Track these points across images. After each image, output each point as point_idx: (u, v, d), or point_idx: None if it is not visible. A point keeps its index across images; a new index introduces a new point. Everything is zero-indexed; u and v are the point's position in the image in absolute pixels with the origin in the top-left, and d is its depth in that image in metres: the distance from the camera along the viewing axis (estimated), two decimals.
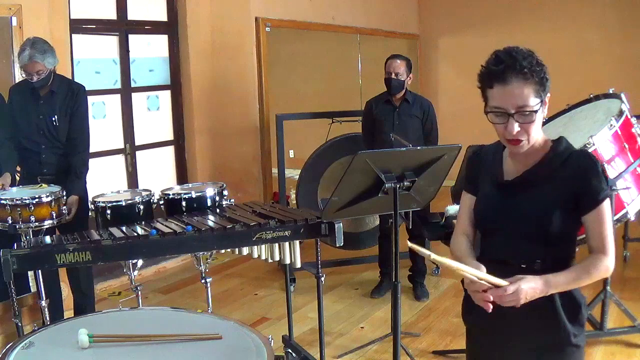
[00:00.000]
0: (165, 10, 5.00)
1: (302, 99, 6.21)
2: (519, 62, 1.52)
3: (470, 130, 6.89)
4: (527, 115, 1.53)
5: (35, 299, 3.50)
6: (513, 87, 1.52)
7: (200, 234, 2.66)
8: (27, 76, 3.27)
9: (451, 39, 7.83)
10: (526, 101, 1.52)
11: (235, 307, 4.19)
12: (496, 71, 1.55)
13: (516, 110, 1.53)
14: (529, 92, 1.52)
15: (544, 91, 1.55)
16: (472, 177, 1.82)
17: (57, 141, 3.42)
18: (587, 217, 1.59)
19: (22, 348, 1.71)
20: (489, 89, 1.58)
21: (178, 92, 5.13)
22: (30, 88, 3.36)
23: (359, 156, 2.44)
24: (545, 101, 1.57)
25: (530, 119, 1.54)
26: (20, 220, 2.85)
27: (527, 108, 1.52)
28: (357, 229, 4.87)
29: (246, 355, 1.67)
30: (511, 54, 1.55)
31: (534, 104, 1.53)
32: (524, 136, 1.56)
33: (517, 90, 1.52)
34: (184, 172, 5.24)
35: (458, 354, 3.39)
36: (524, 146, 1.58)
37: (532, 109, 1.53)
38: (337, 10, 6.44)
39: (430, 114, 4.14)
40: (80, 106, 3.46)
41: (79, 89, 3.48)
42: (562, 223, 1.59)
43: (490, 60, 1.59)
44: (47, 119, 3.38)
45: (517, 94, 1.52)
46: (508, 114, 1.54)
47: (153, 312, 2.25)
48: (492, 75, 1.56)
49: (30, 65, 3.22)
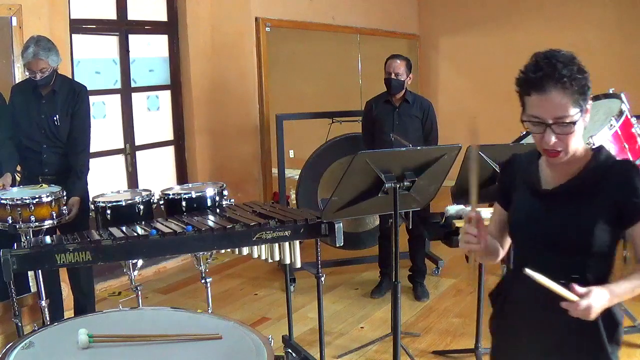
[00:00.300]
0: (165, 10, 5.00)
1: (302, 99, 6.20)
2: (559, 71, 1.43)
3: None
4: (565, 126, 1.45)
5: (35, 299, 3.50)
6: (551, 97, 1.44)
7: (200, 234, 2.66)
8: (31, 74, 3.27)
9: (451, 39, 7.82)
10: (565, 111, 1.44)
11: (235, 307, 4.19)
12: (534, 79, 1.46)
13: (554, 120, 1.45)
14: (568, 101, 1.44)
15: (584, 100, 1.47)
16: (505, 188, 1.73)
17: (58, 141, 3.42)
18: (633, 229, 1.51)
19: (22, 348, 1.71)
20: (527, 97, 1.50)
21: (178, 92, 5.13)
22: (32, 88, 3.36)
23: (359, 156, 2.44)
24: (586, 109, 1.49)
25: (569, 130, 1.46)
26: (20, 220, 2.85)
27: (566, 119, 1.45)
28: (357, 229, 4.87)
29: (246, 355, 1.67)
30: (551, 60, 1.45)
31: (573, 114, 1.45)
32: (562, 147, 1.48)
33: (555, 100, 1.44)
34: (184, 172, 5.24)
35: (458, 354, 3.39)
36: (562, 158, 1.51)
37: (571, 119, 1.45)
38: (337, 10, 6.44)
39: (430, 114, 4.14)
40: (81, 106, 3.45)
41: (80, 89, 3.48)
42: (605, 236, 1.52)
43: (529, 67, 1.49)
44: (49, 119, 3.38)
45: (555, 104, 1.44)
46: (545, 124, 1.46)
47: (153, 312, 2.25)
48: (529, 83, 1.48)
49: (34, 62, 3.22)
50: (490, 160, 2.73)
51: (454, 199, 3.09)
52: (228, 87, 5.34)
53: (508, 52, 7.28)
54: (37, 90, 3.36)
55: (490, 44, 7.38)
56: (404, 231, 3.99)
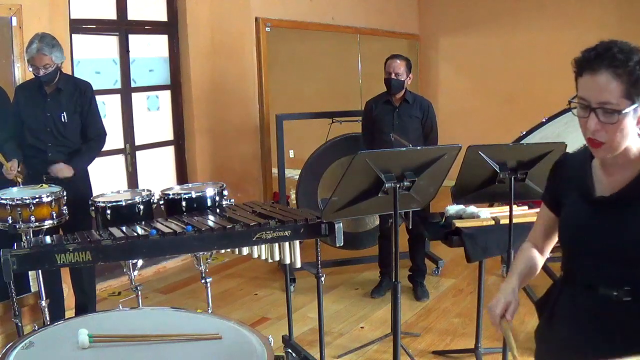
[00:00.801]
0: (165, 10, 5.00)
1: (302, 99, 6.21)
2: (613, 53, 1.34)
3: (470, 130, 6.93)
4: (609, 114, 1.34)
5: (35, 299, 3.50)
6: (600, 79, 1.34)
7: (200, 234, 2.66)
8: (34, 70, 3.29)
9: (451, 39, 7.83)
10: (611, 97, 1.33)
11: (235, 307, 4.19)
12: (587, 57, 1.38)
13: (598, 105, 1.35)
14: (618, 88, 1.33)
15: (638, 97, 1.34)
16: (554, 189, 1.63)
17: (64, 139, 3.44)
18: None
19: (22, 348, 1.71)
20: (579, 78, 1.40)
21: (178, 92, 5.13)
22: (37, 87, 3.38)
23: (359, 156, 2.44)
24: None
25: (612, 120, 1.34)
26: (20, 220, 2.85)
27: (610, 106, 1.34)
28: (357, 229, 4.87)
29: (246, 355, 1.67)
30: (610, 44, 1.37)
31: (620, 103, 1.33)
32: (605, 139, 1.37)
33: (603, 82, 1.34)
34: (184, 172, 5.24)
35: (458, 354, 3.39)
36: (605, 151, 1.40)
37: (616, 107, 1.33)
38: (337, 10, 6.44)
39: (430, 114, 4.14)
40: (91, 104, 3.54)
41: (86, 88, 3.54)
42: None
43: (587, 48, 1.41)
44: (55, 117, 3.41)
45: (602, 87, 1.34)
46: (590, 107, 1.36)
47: (153, 312, 2.25)
48: (583, 62, 1.39)
49: (37, 58, 3.25)
50: (491, 160, 2.73)
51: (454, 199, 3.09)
52: (228, 87, 5.34)
53: (508, 52, 7.30)
54: (42, 89, 3.38)
55: (490, 44, 7.39)
56: (404, 231, 3.98)
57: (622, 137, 1.37)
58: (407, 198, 2.58)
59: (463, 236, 3.12)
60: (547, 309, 1.66)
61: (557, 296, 1.62)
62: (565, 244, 1.58)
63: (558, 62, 1.56)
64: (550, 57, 6.36)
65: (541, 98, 5.30)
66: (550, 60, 6.35)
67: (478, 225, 3.13)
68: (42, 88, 3.39)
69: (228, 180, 3.87)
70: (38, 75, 3.29)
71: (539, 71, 6.74)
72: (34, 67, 3.28)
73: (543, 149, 2.71)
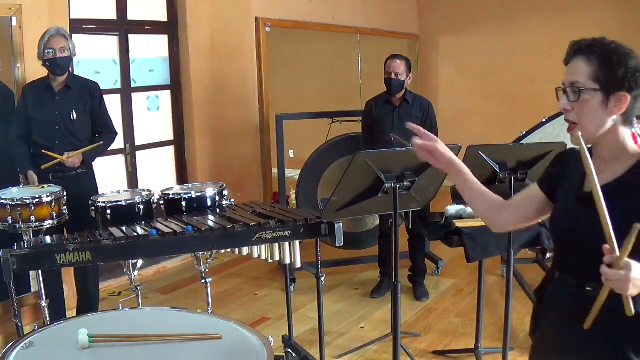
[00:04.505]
0: (165, 10, 5.00)
1: (302, 99, 6.21)
2: (589, 44, 1.47)
3: (470, 130, 6.93)
4: (575, 92, 1.45)
5: (36, 299, 3.50)
6: (574, 64, 1.49)
7: (200, 234, 2.66)
8: (51, 54, 3.34)
9: (451, 39, 7.83)
10: (579, 77, 1.46)
11: (235, 307, 4.19)
12: (569, 50, 1.51)
13: (569, 84, 1.48)
14: (586, 70, 1.45)
15: (609, 83, 1.43)
16: (551, 175, 1.69)
17: (72, 136, 3.46)
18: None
19: (22, 348, 1.71)
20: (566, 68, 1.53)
21: (178, 92, 5.13)
22: (46, 85, 3.43)
23: (359, 156, 2.44)
24: (619, 98, 1.44)
25: (576, 98, 1.46)
26: (20, 220, 2.85)
27: (577, 85, 1.45)
28: (357, 229, 4.87)
29: (246, 355, 1.67)
30: (592, 40, 1.49)
31: (587, 84, 1.44)
32: (575, 118, 1.48)
33: (576, 66, 1.48)
34: (184, 172, 5.24)
35: (458, 354, 3.39)
36: (579, 133, 1.46)
37: (582, 86, 1.44)
38: (337, 10, 6.44)
39: (430, 114, 4.14)
40: (100, 103, 3.63)
41: (96, 89, 3.62)
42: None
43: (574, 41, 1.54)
44: (64, 115, 3.43)
45: (574, 69, 1.48)
46: (564, 89, 1.49)
47: (153, 312, 2.26)
48: (567, 53, 1.52)
49: (55, 39, 3.35)
50: (491, 160, 2.73)
51: (454, 199, 3.10)
52: (228, 87, 5.34)
53: (508, 52, 7.30)
54: (50, 87, 3.42)
55: (490, 44, 7.39)
56: (404, 231, 3.99)
57: (590, 121, 1.46)
58: (407, 198, 2.58)
59: (463, 236, 3.13)
60: (538, 295, 1.72)
61: (547, 284, 1.68)
62: (554, 237, 1.66)
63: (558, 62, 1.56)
64: (550, 57, 6.35)
65: (541, 98, 5.29)
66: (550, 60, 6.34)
67: (478, 225, 3.13)
68: (50, 86, 3.44)
69: (228, 180, 3.87)
70: (55, 58, 3.34)
71: (539, 71, 6.73)
72: (51, 50, 3.34)
73: (543, 149, 2.72)
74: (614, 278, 1.31)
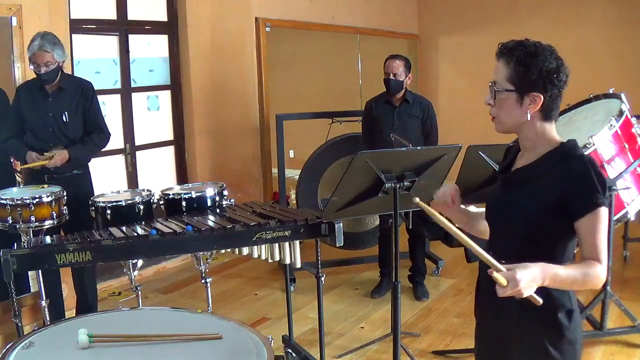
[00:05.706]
0: (165, 10, 5.00)
1: (302, 99, 6.20)
2: (511, 47, 1.60)
3: (470, 130, 6.91)
4: (494, 92, 1.61)
5: (35, 299, 3.50)
6: (498, 64, 1.63)
7: (200, 234, 2.66)
8: (35, 68, 3.29)
9: (451, 39, 7.82)
10: (497, 78, 1.61)
11: (235, 307, 4.19)
12: (497, 49, 1.64)
13: (492, 83, 1.63)
14: (504, 73, 1.59)
15: (523, 84, 1.56)
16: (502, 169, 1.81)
17: (65, 138, 3.43)
18: (578, 224, 1.53)
19: (22, 348, 1.71)
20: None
21: (178, 92, 5.13)
22: (39, 86, 3.38)
23: (359, 156, 2.44)
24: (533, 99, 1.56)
25: (495, 96, 1.61)
26: (20, 220, 2.85)
27: (496, 85, 1.61)
28: (357, 229, 4.87)
29: (246, 355, 1.67)
30: (516, 41, 1.62)
31: (504, 85, 1.59)
32: (494, 113, 1.63)
33: (498, 66, 1.62)
34: (184, 172, 5.24)
35: (458, 354, 3.39)
36: (497, 125, 1.65)
37: (499, 87, 1.60)
38: (337, 10, 6.44)
39: (430, 114, 4.14)
40: (92, 103, 3.54)
41: (89, 88, 3.55)
42: (548, 225, 1.56)
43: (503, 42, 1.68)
44: (57, 116, 3.40)
45: (496, 69, 1.63)
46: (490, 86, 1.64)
47: (153, 312, 2.26)
48: (495, 53, 1.65)
49: (39, 55, 3.24)
50: (491, 160, 2.73)
51: None
52: (228, 87, 5.34)
53: None
54: (43, 88, 3.38)
55: (490, 44, 7.27)
56: (404, 231, 3.99)
57: (505, 115, 1.62)
58: (407, 198, 2.58)
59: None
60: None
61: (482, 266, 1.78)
62: (487, 221, 1.79)
63: None
64: None
65: None
66: None
67: None
68: (43, 88, 3.39)
69: (228, 180, 3.87)
70: (39, 73, 3.28)
71: None
72: (35, 64, 3.27)
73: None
74: (504, 294, 1.41)
